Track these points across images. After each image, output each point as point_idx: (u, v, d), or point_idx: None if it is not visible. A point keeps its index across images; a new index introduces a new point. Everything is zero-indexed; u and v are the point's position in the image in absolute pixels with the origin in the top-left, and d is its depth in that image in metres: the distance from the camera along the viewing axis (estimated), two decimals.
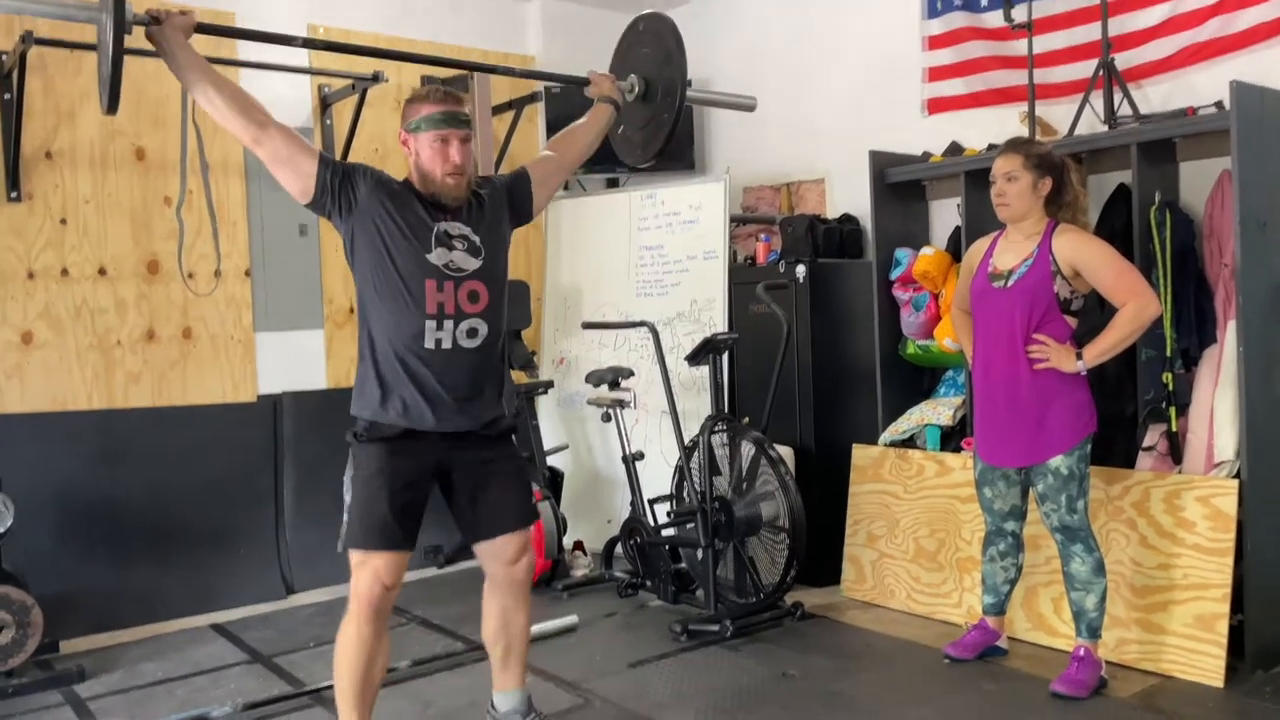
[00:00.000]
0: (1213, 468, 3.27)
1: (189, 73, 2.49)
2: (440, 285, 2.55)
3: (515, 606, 2.76)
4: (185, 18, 2.51)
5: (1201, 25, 3.57)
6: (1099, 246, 3.08)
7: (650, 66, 3.08)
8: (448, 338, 2.55)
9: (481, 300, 2.61)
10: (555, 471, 4.89)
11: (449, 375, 2.57)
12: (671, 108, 3.02)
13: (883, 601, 4.06)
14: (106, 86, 2.40)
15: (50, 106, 4.08)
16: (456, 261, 2.58)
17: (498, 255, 2.70)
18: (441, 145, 2.56)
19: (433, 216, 2.60)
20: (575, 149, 3.01)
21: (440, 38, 5.10)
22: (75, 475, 4.06)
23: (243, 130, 2.52)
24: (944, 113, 4.41)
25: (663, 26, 3.09)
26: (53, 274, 4.09)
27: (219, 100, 2.49)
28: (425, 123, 2.55)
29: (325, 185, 2.55)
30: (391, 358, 2.56)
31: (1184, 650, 3.16)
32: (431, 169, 2.57)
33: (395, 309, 2.55)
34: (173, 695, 3.43)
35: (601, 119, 3.06)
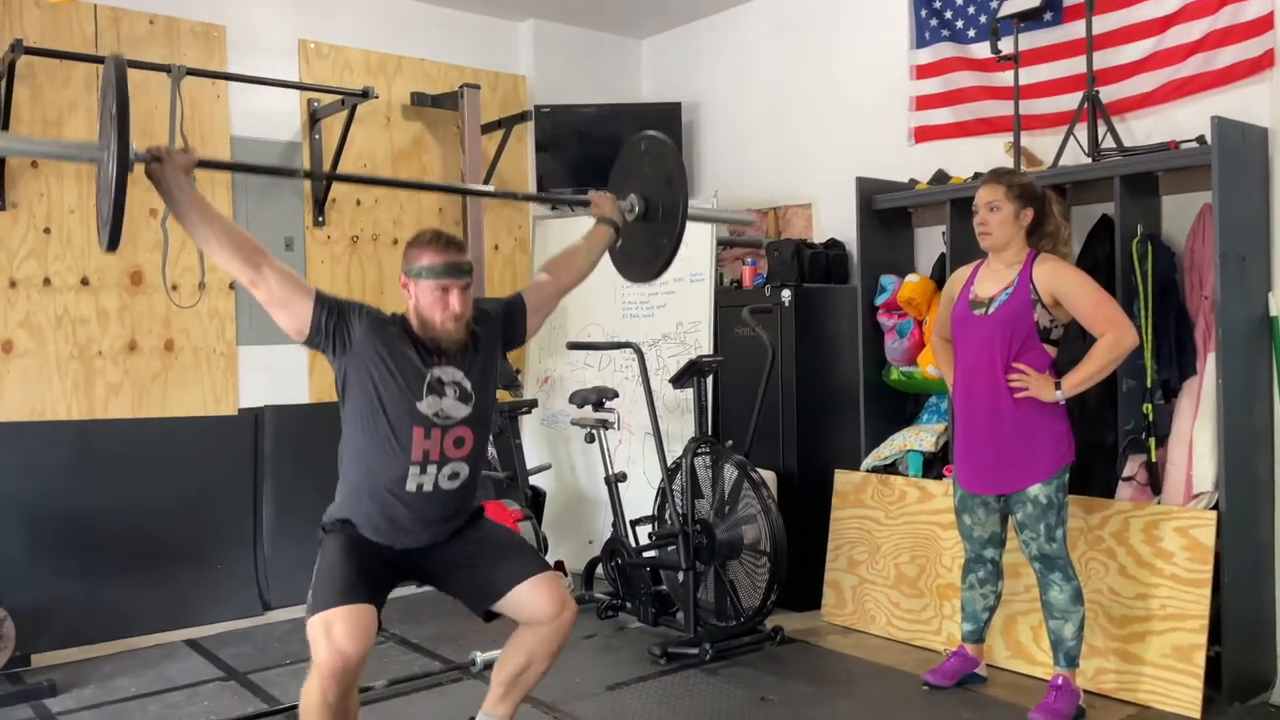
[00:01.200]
0: (1191, 499, 3.29)
1: (189, 215, 2.46)
2: (428, 433, 2.54)
3: (545, 655, 2.67)
4: (186, 156, 2.48)
5: (1184, 61, 3.62)
6: (1078, 276, 3.11)
7: (651, 187, 3.09)
8: (429, 482, 2.56)
9: (467, 445, 2.61)
10: (537, 491, 4.87)
11: (425, 512, 2.59)
12: (672, 232, 3.02)
13: (863, 627, 4.06)
14: (107, 225, 2.34)
15: (38, 115, 4.07)
16: (446, 410, 2.57)
17: (487, 399, 2.70)
18: (442, 294, 2.54)
19: (426, 362, 2.57)
20: (572, 273, 2.98)
21: (431, 55, 5.12)
22: (52, 486, 4.02)
23: (240, 272, 2.51)
24: (930, 141, 4.45)
25: (664, 149, 3.08)
26: (35, 283, 4.07)
27: (217, 243, 2.47)
28: (426, 271, 2.53)
29: (320, 327, 2.54)
30: (370, 492, 2.56)
31: (1161, 681, 3.17)
32: (431, 315, 2.55)
33: (381, 452, 2.54)
34: (145, 711, 3.38)
35: (600, 241, 3.03)
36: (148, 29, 4.32)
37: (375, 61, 4.94)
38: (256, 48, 4.58)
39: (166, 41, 4.35)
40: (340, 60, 4.85)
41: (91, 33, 4.18)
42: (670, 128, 5.39)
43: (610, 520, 4.33)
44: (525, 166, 5.45)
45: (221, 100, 4.50)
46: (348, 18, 4.89)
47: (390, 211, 4.98)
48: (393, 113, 4.99)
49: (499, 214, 5.35)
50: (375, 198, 4.94)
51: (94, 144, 2.46)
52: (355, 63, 4.89)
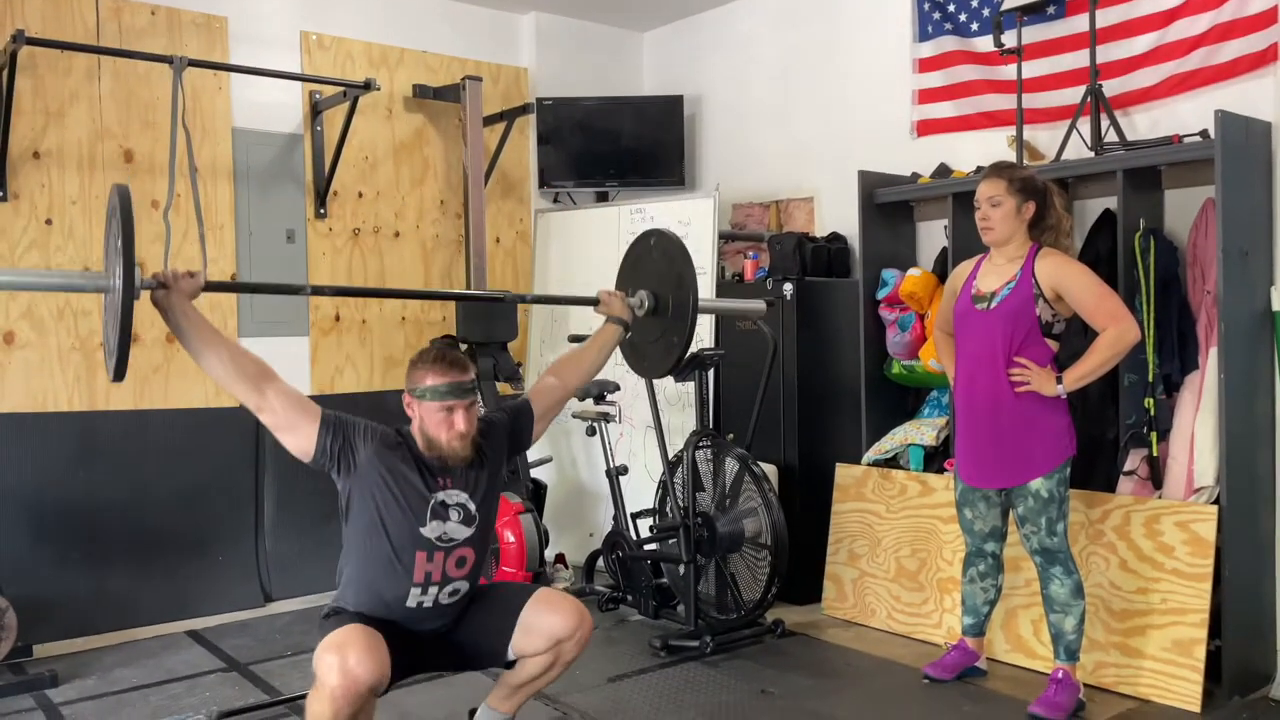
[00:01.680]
0: (1193, 493, 3.29)
1: (195, 340, 2.45)
2: (430, 556, 2.54)
3: (559, 667, 2.70)
4: (192, 281, 2.47)
5: (1188, 55, 3.61)
6: (1080, 271, 3.11)
7: (660, 283, 3.10)
8: (430, 600, 2.57)
9: (468, 564, 2.61)
10: (538, 484, 4.87)
11: (428, 624, 2.60)
12: (682, 330, 3.03)
13: (863, 620, 4.07)
14: (114, 356, 2.34)
15: (39, 106, 4.06)
16: (449, 533, 2.56)
17: (490, 518, 2.70)
18: (447, 414, 2.53)
19: (430, 485, 2.56)
20: (580, 373, 2.98)
21: (433, 48, 5.11)
22: (54, 477, 4.03)
23: (245, 396, 2.51)
24: (933, 135, 4.44)
25: (673, 246, 3.09)
26: None
27: (222, 369, 2.48)
28: (430, 393, 2.52)
29: (326, 450, 2.53)
30: (374, 602, 2.55)
31: (1161, 675, 3.18)
32: (436, 435, 2.54)
33: (383, 573, 2.54)
34: (147, 702, 3.39)
35: (609, 341, 3.02)
36: (149, 20, 4.31)
37: (377, 53, 4.93)
38: (258, 39, 4.58)
39: (168, 32, 4.34)
40: (342, 52, 4.84)
41: (93, 23, 4.17)
42: (672, 121, 5.39)
43: (611, 513, 4.34)
44: (527, 159, 5.44)
45: (223, 92, 4.49)
46: (349, 9, 4.88)
47: (392, 204, 4.98)
48: (394, 105, 4.99)
49: (500, 207, 5.35)
50: (377, 190, 4.93)
51: (99, 274, 2.45)
52: (357, 54, 4.88)
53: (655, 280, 3.13)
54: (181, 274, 2.46)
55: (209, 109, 4.45)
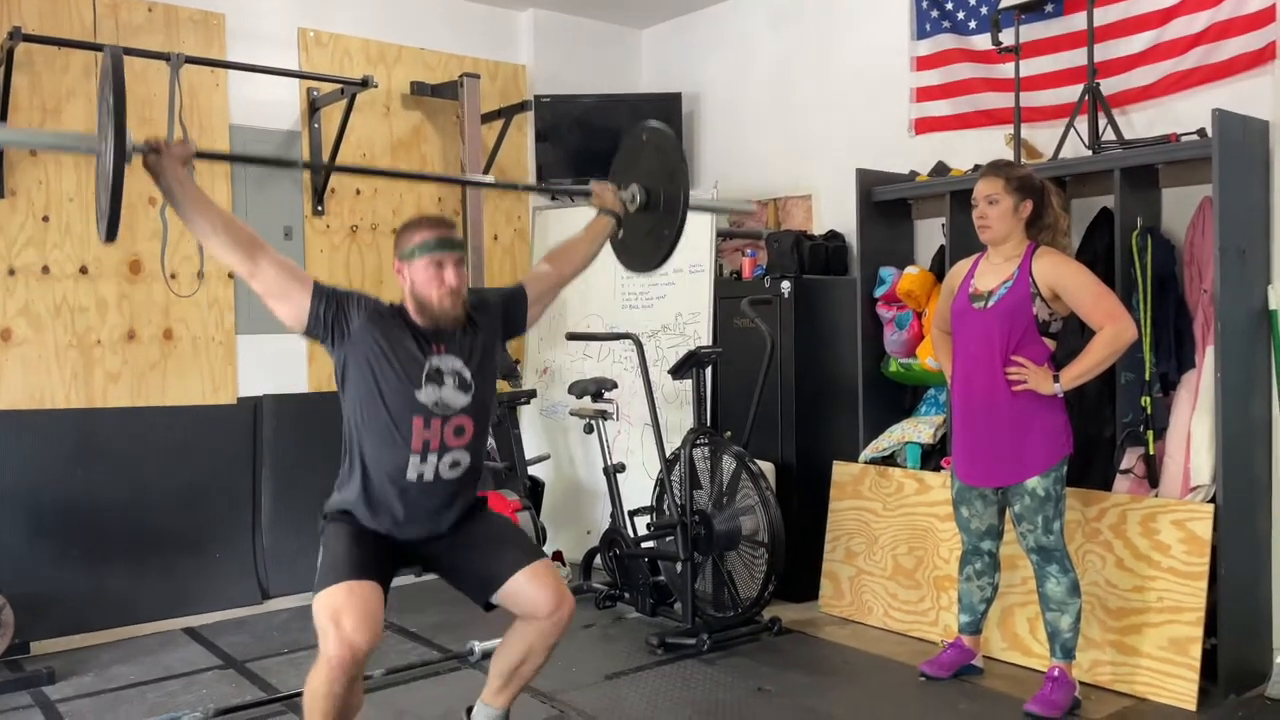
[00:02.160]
0: (1189, 491, 3.29)
1: (187, 207, 2.44)
2: (427, 423, 2.55)
3: (543, 649, 2.70)
4: (184, 147, 2.46)
5: (1185, 54, 3.61)
6: (1078, 270, 3.11)
7: (652, 178, 3.08)
8: (430, 471, 2.57)
9: (467, 434, 2.61)
10: (536, 481, 4.88)
11: (425, 502, 2.60)
12: (673, 224, 3.00)
13: (860, 618, 4.07)
14: (105, 217, 2.33)
15: (36, 103, 4.06)
16: (445, 399, 2.58)
17: (487, 388, 2.70)
18: (436, 269, 2.55)
19: (425, 350, 2.58)
20: (573, 263, 2.99)
21: (431, 45, 5.11)
22: (51, 474, 4.03)
23: (238, 264, 2.51)
24: (931, 133, 4.44)
25: (666, 140, 3.07)
26: (33, 271, 4.06)
27: (214, 235, 2.47)
28: (419, 249, 2.55)
29: (319, 317, 2.54)
30: (371, 482, 2.57)
31: (1157, 673, 3.18)
32: (427, 293, 2.56)
33: (381, 442, 2.55)
34: (144, 699, 3.39)
35: (601, 232, 3.03)
36: (146, 16, 4.30)
37: (375, 50, 4.93)
38: (255, 36, 4.57)
39: (165, 29, 4.33)
40: (339, 49, 4.83)
41: (90, 20, 4.16)
42: (670, 118, 5.37)
43: (609, 511, 4.34)
44: (525, 156, 5.44)
45: (220, 89, 4.49)
46: (347, 6, 4.87)
47: (390, 201, 4.97)
48: (392, 102, 4.98)
49: (498, 205, 5.35)
50: (375, 187, 4.93)
51: (92, 136, 2.45)
52: (355, 51, 4.87)
53: (647, 175, 3.09)
54: (174, 140, 2.46)
55: (206, 106, 4.44)
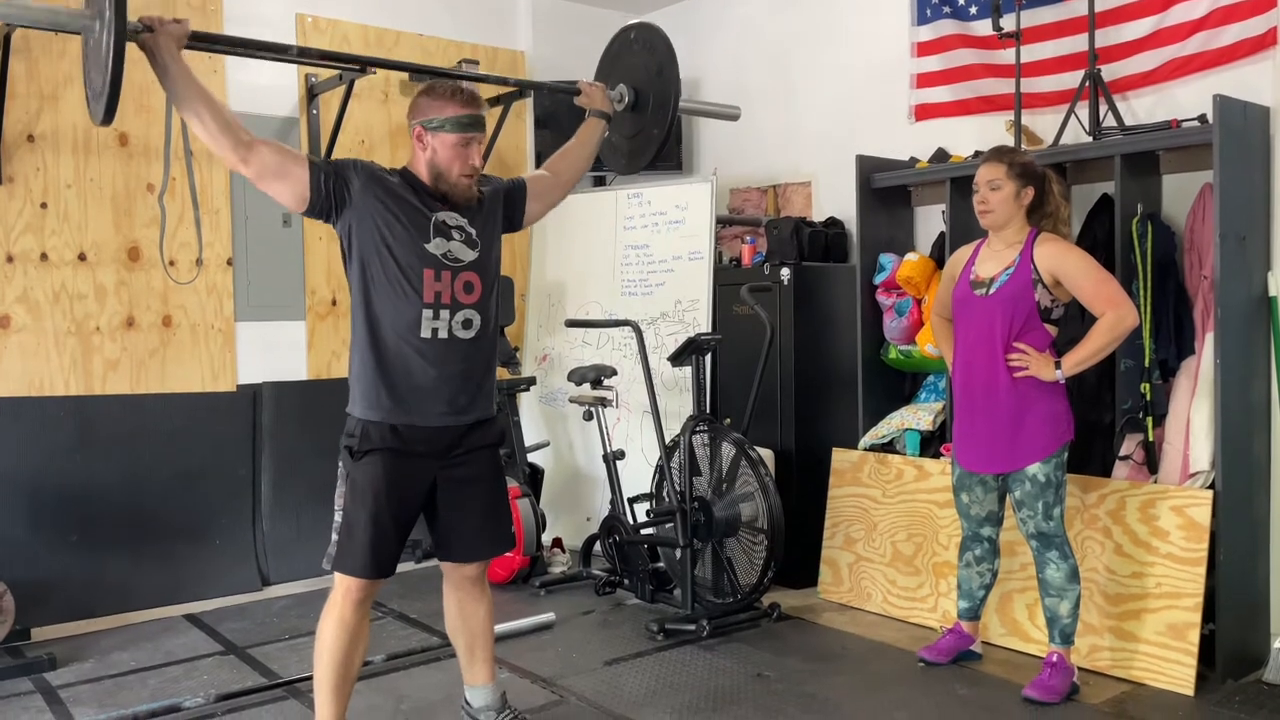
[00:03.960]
0: (1188, 478, 3.30)
1: (180, 86, 2.43)
2: (438, 275, 2.55)
3: (471, 599, 2.78)
4: (179, 25, 2.43)
5: (1187, 39, 3.60)
6: (1079, 256, 3.11)
7: (641, 77, 3.05)
8: (444, 328, 2.56)
9: (476, 291, 2.61)
10: (535, 468, 4.88)
11: (445, 365, 2.57)
12: (662, 123, 2.99)
13: (859, 604, 4.08)
14: (103, 99, 2.27)
15: (33, 90, 4.04)
16: (454, 251, 2.58)
17: (492, 249, 2.70)
18: (463, 149, 2.54)
19: (430, 206, 2.59)
20: (571, 167, 3.00)
21: (429, 30, 5.08)
22: (50, 461, 4.02)
23: (231, 149, 2.47)
24: (931, 119, 4.43)
25: (655, 38, 3.04)
26: (32, 258, 4.05)
27: (208, 118, 2.44)
28: (450, 124, 2.52)
29: (320, 188, 2.51)
30: (388, 347, 2.55)
31: (1155, 658, 3.19)
32: (449, 168, 2.55)
33: (393, 297, 2.54)
34: (145, 685, 3.40)
35: (594, 134, 3.04)
36: (143, 1, 4.27)
37: (373, 36, 4.91)
38: (253, 21, 4.54)
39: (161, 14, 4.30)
40: (338, 35, 4.81)
41: None
42: None
43: (608, 498, 4.35)
44: (524, 143, 5.42)
45: (218, 75, 4.47)
46: None
47: None
48: (390, 88, 4.96)
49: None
50: None
51: (82, 12, 2.34)
52: (353, 37, 4.85)
53: (634, 73, 3.05)
54: (169, 19, 2.42)
55: None
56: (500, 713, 2.81)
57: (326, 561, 2.57)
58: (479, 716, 2.83)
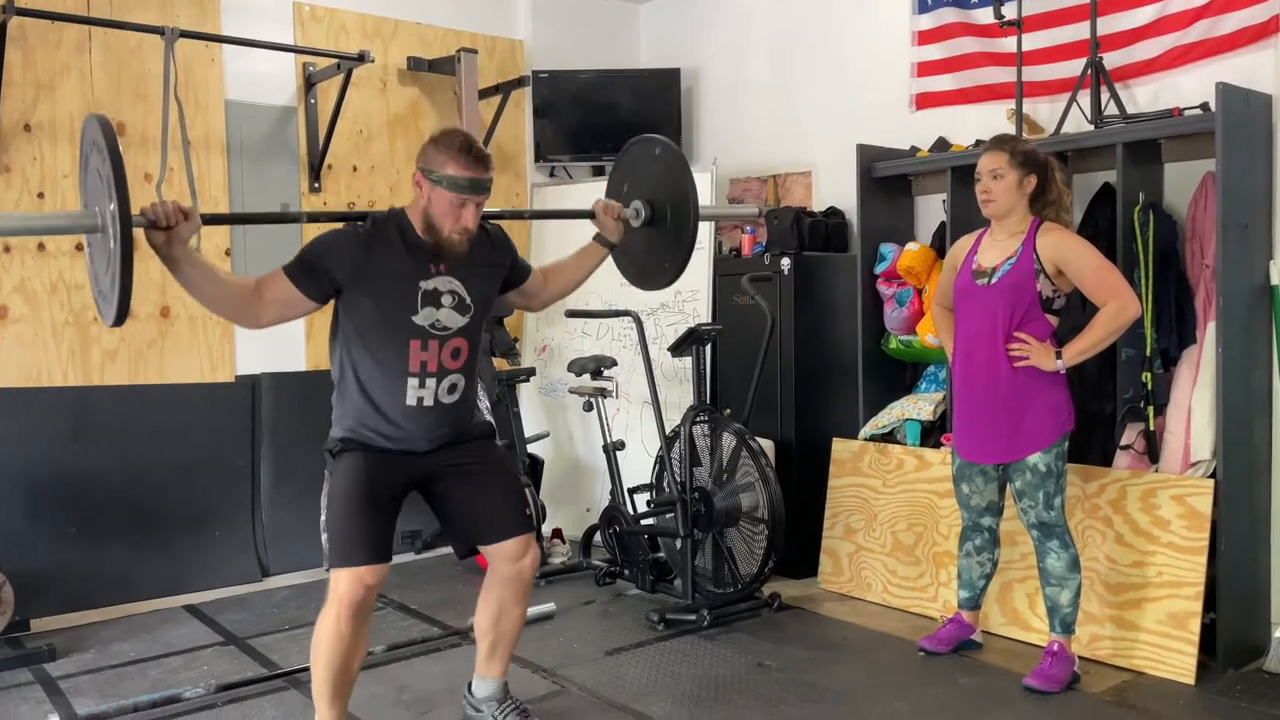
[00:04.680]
0: (1189, 467, 3.29)
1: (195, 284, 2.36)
2: (425, 345, 2.53)
3: (513, 602, 2.73)
4: (190, 225, 2.30)
5: (1189, 27, 3.58)
6: (1082, 245, 3.09)
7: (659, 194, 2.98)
8: (429, 396, 2.55)
9: (463, 356, 2.60)
10: (535, 459, 4.87)
11: (426, 428, 2.58)
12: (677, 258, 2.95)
13: (859, 594, 4.08)
14: (113, 303, 2.19)
15: (30, 79, 4.02)
16: (443, 320, 2.55)
17: (485, 313, 2.68)
18: (459, 209, 2.50)
19: (421, 271, 2.54)
20: (560, 288, 2.99)
21: (427, 19, 5.06)
22: (49, 452, 4.01)
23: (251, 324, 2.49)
24: (932, 108, 4.41)
25: (678, 162, 2.96)
26: (29, 248, 4.04)
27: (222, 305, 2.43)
28: (449, 183, 2.47)
29: (321, 292, 2.50)
30: (370, 409, 2.55)
31: (1156, 647, 3.19)
32: (441, 223, 2.51)
33: (377, 367, 2.53)
34: (145, 676, 3.40)
35: (593, 261, 2.98)
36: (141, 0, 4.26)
37: (371, 25, 4.88)
38: (250, 10, 4.52)
39: (159, 3, 4.28)
40: (335, 23, 4.78)
41: None
42: (669, 94, 5.35)
43: (608, 488, 4.34)
44: (523, 132, 5.41)
45: (215, 64, 4.45)
46: None
47: (387, 178, 4.94)
48: (389, 77, 4.94)
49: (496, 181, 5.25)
50: (371, 165, 4.90)
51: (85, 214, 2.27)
52: (351, 26, 4.83)
53: (655, 192, 3.00)
54: (173, 210, 2.27)
55: (201, 81, 4.40)
56: (501, 703, 2.81)
57: (326, 563, 2.53)
58: (481, 706, 2.83)
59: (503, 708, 2.80)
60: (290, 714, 3.04)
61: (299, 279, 2.48)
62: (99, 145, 2.18)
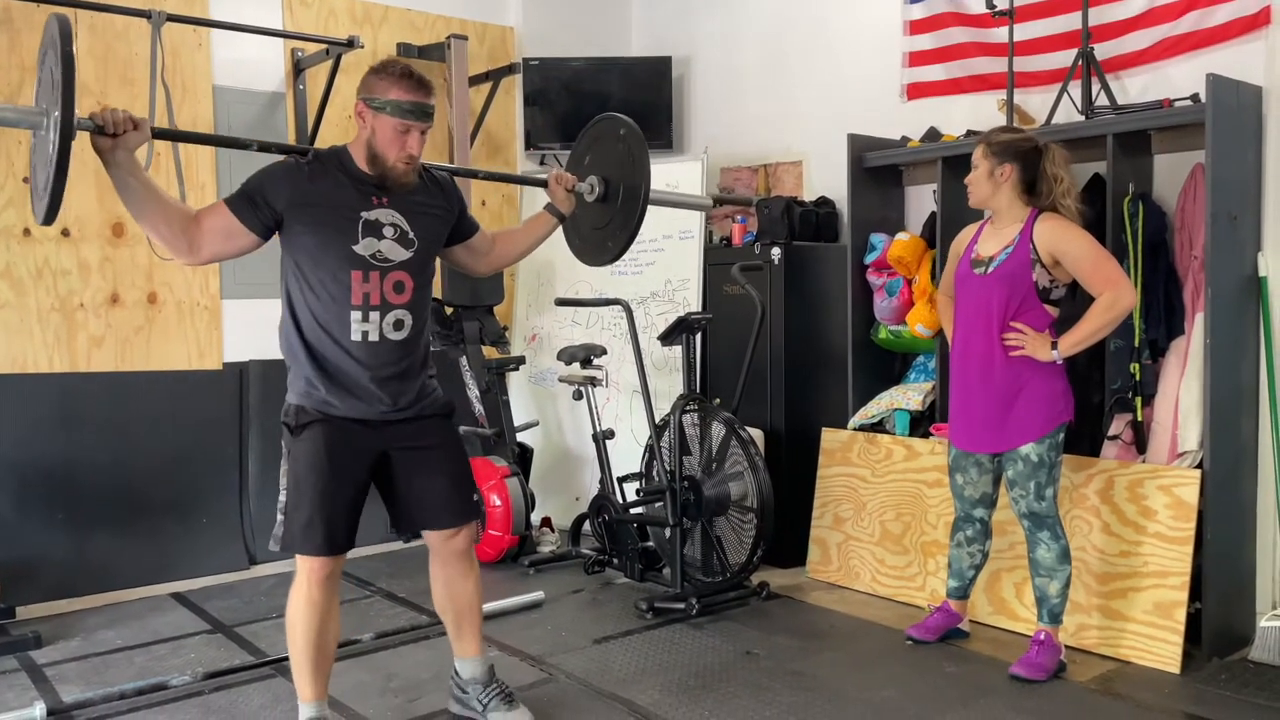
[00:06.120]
0: (1176, 458, 3.31)
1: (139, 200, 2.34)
2: (366, 276, 2.49)
3: (460, 575, 2.76)
4: (139, 134, 2.29)
5: (1180, 18, 3.58)
6: (1078, 235, 3.07)
7: (614, 172, 3.01)
8: (374, 330, 2.51)
9: (407, 291, 2.55)
10: (525, 447, 4.87)
11: (378, 368, 2.53)
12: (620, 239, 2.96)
13: (848, 583, 4.09)
14: (45, 198, 2.16)
15: (15, 62, 3.98)
16: (384, 251, 2.51)
17: (429, 253, 2.64)
18: (403, 135, 2.48)
19: (363, 202, 2.52)
20: (506, 254, 2.96)
21: (418, 5, 5.03)
22: (35, 438, 3.99)
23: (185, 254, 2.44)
24: (923, 98, 4.41)
25: (638, 145, 2.98)
26: (14, 233, 4.01)
27: (164, 228, 2.39)
28: (392, 107, 2.45)
29: (263, 224, 2.47)
30: (316, 352, 2.51)
31: (1142, 636, 3.21)
32: (385, 152, 2.49)
33: (319, 301, 2.49)
34: (131, 663, 3.39)
35: (542, 230, 2.96)
36: None
37: (361, 10, 4.85)
38: None
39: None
40: (324, 8, 4.75)
41: None
42: (660, 82, 5.34)
43: (597, 477, 4.34)
44: (513, 120, 5.38)
45: (203, 49, 4.41)
46: None
47: None
48: None
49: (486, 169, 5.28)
50: None
51: (33, 109, 2.25)
52: (340, 11, 4.80)
53: (611, 169, 3.03)
54: (124, 118, 2.26)
55: (189, 66, 4.37)
56: (487, 686, 2.81)
57: (274, 543, 2.52)
58: (467, 688, 2.83)
59: (488, 690, 2.80)
60: (277, 701, 3.03)
61: (238, 208, 2.46)
62: (55, 44, 2.17)
